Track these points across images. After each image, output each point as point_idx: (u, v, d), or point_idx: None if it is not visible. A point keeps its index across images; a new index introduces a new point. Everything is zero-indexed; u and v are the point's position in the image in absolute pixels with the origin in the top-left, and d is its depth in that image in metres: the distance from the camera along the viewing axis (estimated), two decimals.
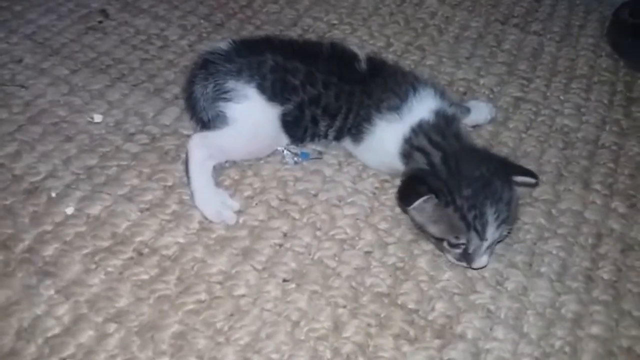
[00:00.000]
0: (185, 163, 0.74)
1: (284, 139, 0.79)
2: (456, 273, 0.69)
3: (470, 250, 0.66)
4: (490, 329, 0.64)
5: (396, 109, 0.75)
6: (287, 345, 0.61)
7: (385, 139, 0.75)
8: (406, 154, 0.73)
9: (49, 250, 0.67)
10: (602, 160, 0.86)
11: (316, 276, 0.68)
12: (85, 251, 0.67)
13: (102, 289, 0.64)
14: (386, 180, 0.80)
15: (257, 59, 0.74)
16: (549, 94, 0.98)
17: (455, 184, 0.65)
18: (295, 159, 0.80)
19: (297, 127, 0.77)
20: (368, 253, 0.71)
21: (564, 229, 0.76)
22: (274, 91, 0.74)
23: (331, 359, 0.60)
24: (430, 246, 0.72)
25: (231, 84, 0.73)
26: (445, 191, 0.66)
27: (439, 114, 0.74)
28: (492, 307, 0.66)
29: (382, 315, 0.64)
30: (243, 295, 0.65)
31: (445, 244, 0.67)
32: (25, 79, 0.89)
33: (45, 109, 0.84)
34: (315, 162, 0.81)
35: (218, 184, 0.76)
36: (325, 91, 0.76)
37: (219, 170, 0.78)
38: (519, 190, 0.72)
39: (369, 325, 0.63)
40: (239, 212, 0.73)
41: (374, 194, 0.78)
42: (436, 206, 0.66)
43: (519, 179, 0.70)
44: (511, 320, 0.65)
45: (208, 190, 0.73)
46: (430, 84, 0.79)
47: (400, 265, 0.70)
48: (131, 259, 0.67)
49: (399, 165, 0.75)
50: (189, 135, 0.78)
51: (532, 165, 0.84)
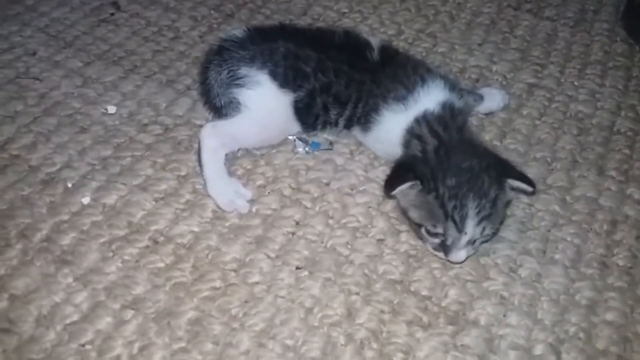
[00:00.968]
0: (198, 152, 0.75)
1: (296, 126, 0.79)
2: (469, 260, 0.69)
3: (448, 242, 0.65)
4: (504, 315, 0.64)
5: (402, 99, 0.74)
6: (301, 332, 0.61)
7: (391, 129, 0.75)
8: (406, 144, 0.73)
9: (67, 240, 0.68)
10: (617, 146, 0.85)
11: (329, 264, 0.68)
12: (102, 240, 0.68)
13: (119, 276, 0.65)
14: None
15: (270, 46, 0.75)
16: (563, 80, 0.97)
17: (440, 173, 0.65)
18: (306, 148, 0.80)
19: (309, 115, 0.77)
20: (380, 241, 0.71)
21: (578, 216, 0.75)
22: (286, 78, 0.75)
23: (345, 344, 0.61)
24: None
25: (244, 70, 0.74)
26: (429, 178, 0.66)
27: (446, 106, 0.74)
28: (506, 294, 0.66)
29: (395, 302, 0.65)
30: (257, 283, 0.66)
31: (423, 230, 0.67)
32: (40, 71, 0.90)
33: (59, 101, 0.85)
34: (326, 151, 0.81)
35: (231, 174, 0.76)
36: (336, 79, 0.76)
37: (231, 159, 0.78)
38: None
39: (382, 312, 0.64)
40: (252, 201, 0.74)
41: None
42: (419, 192, 0.66)
43: (515, 183, 0.67)
44: (525, 306, 0.65)
45: (221, 179, 0.73)
46: (441, 76, 0.78)
47: (413, 252, 0.70)
48: (147, 247, 0.68)
49: (399, 155, 0.74)
50: (201, 125, 0.78)
51: (547, 152, 0.83)
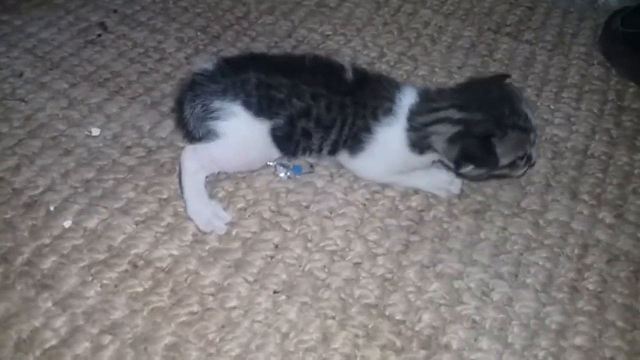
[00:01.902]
0: (179, 174, 0.76)
1: (276, 153, 0.80)
2: (443, 284, 0.71)
3: (531, 150, 0.74)
4: (475, 340, 0.66)
5: (390, 111, 0.77)
6: (277, 357, 0.63)
7: (390, 141, 0.77)
8: (416, 140, 0.76)
9: (47, 263, 0.69)
10: (591, 170, 0.88)
11: (306, 288, 0.69)
12: (82, 264, 0.69)
13: (98, 301, 0.66)
14: (377, 192, 0.82)
15: (241, 77, 0.76)
16: (539, 104, 0.99)
17: (491, 113, 0.72)
18: (288, 173, 0.82)
19: (289, 142, 0.78)
20: (357, 264, 0.73)
21: (550, 240, 0.78)
22: (260, 107, 0.75)
23: None
24: (418, 257, 0.73)
25: (217, 103, 0.74)
26: (494, 126, 0.72)
27: (420, 93, 0.78)
28: (477, 318, 0.68)
29: (370, 327, 0.66)
30: (234, 307, 0.67)
31: (518, 162, 0.74)
32: (26, 93, 0.91)
33: (44, 122, 0.86)
34: (307, 174, 0.83)
35: (212, 196, 0.78)
36: (315, 102, 0.76)
37: (213, 182, 0.80)
38: None
39: (357, 336, 0.65)
40: (232, 224, 0.75)
41: (365, 205, 0.80)
42: (499, 142, 0.71)
43: (509, 81, 0.82)
44: (496, 330, 0.67)
45: (200, 201, 0.75)
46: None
47: (389, 276, 0.71)
48: (126, 271, 0.69)
49: (414, 157, 0.77)
50: (183, 148, 0.80)
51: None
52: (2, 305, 0.65)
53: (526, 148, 0.74)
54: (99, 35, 1.03)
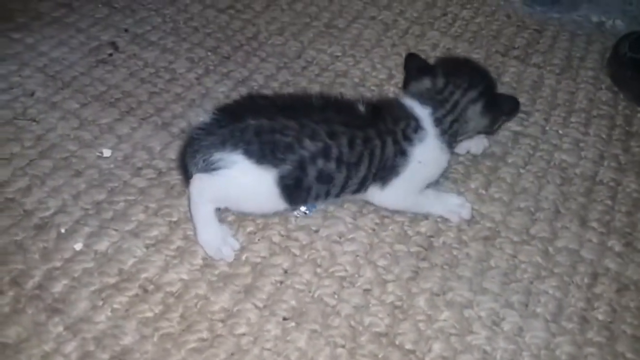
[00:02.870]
0: (189, 199, 0.76)
1: (281, 205, 0.75)
2: (453, 313, 0.70)
3: None
4: None
5: (419, 127, 0.77)
6: None
7: (428, 153, 0.78)
8: (450, 138, 0.80)
9: (58, 287, 0.69)
10: (600, 197, 0.88)
11: (316, 315, 0.69)
12: (93, 288, 0.69)
13: (109, 326, 0.66)
14: (386, 216, 0.82)
15: (239, 126, 0.72)
16: (547, 128, 1.00)
17: (484, 81, 0.82)
18: (305, 211, 0.80)
19: (299, 189, 0.74)
20: (367, 291, 0.72)
21: (560, 268, 0.77)
22: (262, 154, 0.71)
23: None
24: (428, 284, 0.73)
25: (217, 155, 0.72)
26: (495, 86, 0.85)
27: (421, 100, 0.80)
28: (488, 348, 0.67)
29: (380, 356, 0.66)
30: (244, 334, 0.67)
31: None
32: (37, 112, 0.91)
33: (55, 143, 0.87)
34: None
35: (222, 219, 0.78)
36: (334, 141, 0.73)
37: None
38: None
39: None
40: (242, 248, 0.75)
41: (374, 230, 0.80)
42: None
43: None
44: None
45: (209, 229, 0.74)
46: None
47: (399, 304, 0.71)
48: (136, 295, 0.69)
49: (448, 156, 0.82)
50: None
51: (530, 201, 0.86)
52: (13, 330, 0.65)
53: None
54: (110, 54, 1.04)
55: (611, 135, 1.00)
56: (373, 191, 0.79)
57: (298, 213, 0.80)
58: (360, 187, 0.77)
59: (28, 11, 1.12)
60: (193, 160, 0.74)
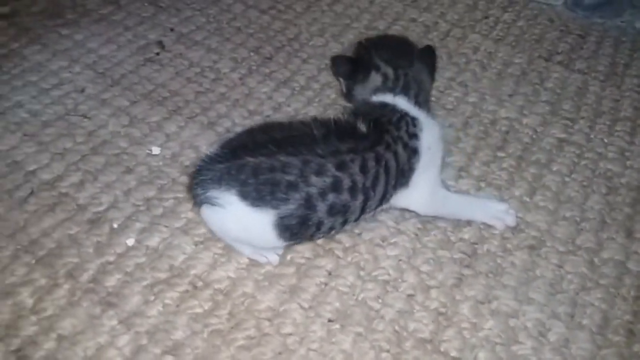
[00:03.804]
0: None
1: (277, 243, 0.72)
2: (498, 322, 0.70)
3: None
4: None
5: (415, 120, 0.78)
6: None
7: (430, 132, 0.78)
8: (424, 102, 0.82)
9: (112, 281, 0.71)
10: None
11: (360, 318, 0.70)
12: (145, 283, 0.71)
13: (160, 320, 0.68)
14: (428, 222, 0.82)
15: (236, 163, 0.68)
16: (592, 137, 0.98)
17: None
18: None
19: (306, 226, 0.70)
20: (411, 296, 0.73)
21: (606, 280, 0.77)
22: (259, 195, 0.67)
23: None
24: (472, 292, 0.73)
25: (214, 192, 0.69)
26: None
27: (398, 91, 0.81)
28: (534, 359, 0.67)
29: None
30: (290, 334, 0.68)
31: None
32: (88, 109, 0.94)
33: (106, 139, 0.89)
34: None
35: None
36: (344, 172, 0.69)
37: None
38: None
39: None
40: (287, 249, 0.76)
41: (416, 235, 0.80)
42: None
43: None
44: None
45: (243, 245, 0.75)
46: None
47: (443, 310, 0.71)
48: (187, 291, 0.71)
49: (434, 117, 0.83)
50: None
51: (576, 211, 0.85)
52: (69, 322, 0.67)
53: None
54: (157, 53, 1.06)
55: None
56: (396, 199, 0.78)
57: None
58: (381, 203, 0.76)
59: (76, 7, 1.15)
60: (195, 191, 0.72)
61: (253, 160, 0.68)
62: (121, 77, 1.01)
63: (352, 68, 0.83)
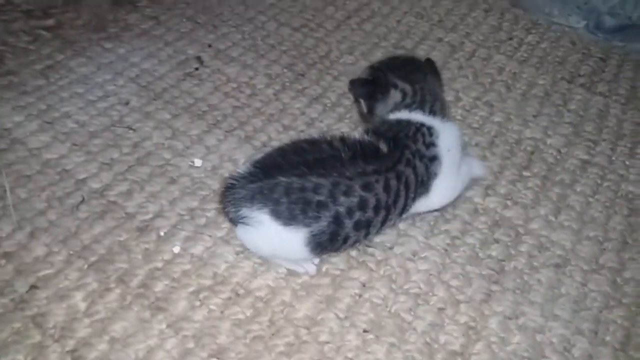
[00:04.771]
0: None
1: (309, 256, 0.76)
2: (526, 337, 0.74)
3: None
4: None
5: (430, 129, 0.81)
6: None
7: (447, 136, 0.82)
8: (440, 109, 0.86)
9: (160, 287, 0.76)
10: None
11: (393, 329, 0.74)
12: (191, 289, 0.76)
13: (206, 325, 0.72)
14: (456, 237, 0.86)
15: (269, 183, 0.71)
16: (614, 158, 1.02)
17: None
18: None
19: (335, 241, 0.74)
20: (441, 310, 0.76)
21: (628, 299, 0.80)
22: (292, 214, 0.71)
23: None
24: (500, 307, 0.77)
25: (245, 211, 0.72)
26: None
27: (409, 104, 0.86)
28: None
29: None
30: (327, 342, 0.72)
31: None
32: (133, 121, 0.99)
33: (151, 151, 0.94)
34: None
35: None
36: (369, 192, 0.73)
37: None
38: None
39: None
40: (322, 261, 0.80)
41: (446, 250, 0.84)
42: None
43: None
44: None
45: (280, 259, 0.78)
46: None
47: (473, 324, 0.75)
48: (229, 298, 0.75)
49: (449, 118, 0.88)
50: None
51: (599, 231, 0.88)
52: (120, 325, 0.71)
53: None
54: (196, 68, 1.11)
55: None
56: (416, 206, 0.82)
57: None
58: (400, 215, 0.80)
59: (118, 22, 1.21)
60: (226, 208, 0.75)
61: (285, 180, 0.71)
62: (163, 91, 1.05)
63: (371, 89, 0.88)
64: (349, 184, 0.73)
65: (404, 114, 0.84)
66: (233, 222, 0.77)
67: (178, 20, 1.23)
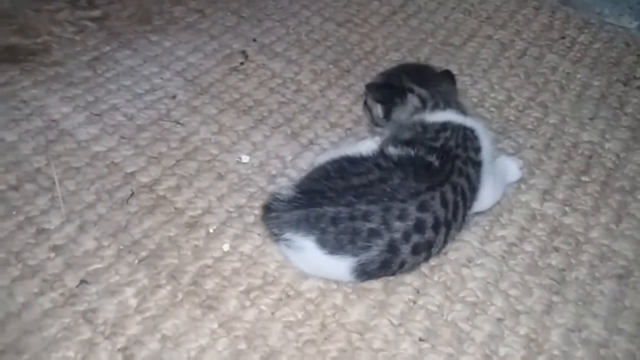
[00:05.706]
0: None
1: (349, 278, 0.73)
2: (589, 351, 0.70)
3: None
4: None
5: (473, 132, 0.80)
6: None
7: (483, 138, 0.81)
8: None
9: (210, 284, 0.74)
10: None
11: (450, 338, 0.71)
12: (241, 288, 0.74)
13: (257, 327, 0.70)
14: (514, 244, 0.82)
15: (316, 211, 0.69)
16: None
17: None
18: None
19: (387, 268, 0.71)
20: (500, 320, 0.73)
21: None
22: (339, 244, 0.68)
23: None
24: (562, 320, 0.73)
25: (289, 235, 0.70)
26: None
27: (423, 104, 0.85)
28: None
29: None
30: (381, 350, 0.70)
31: None
32: (180, 115, 0.98)
33: (198, 146, 0.93)
34: None
35: None
36: (426, 212, 0.70)
37: None
38: None
39: None
40: None
41: (503, 257, 0.80)
42: None
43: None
44: None
45: None
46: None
47: (533, 336, 0.72)
48: (280, 299, 0.73)
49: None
50: None
51: None
52: (171, 322, 0.70)
53: None
54: (242, 63, 1.09)
55: None
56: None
57: None
58: (461, 226, 0.79)
59: (164, 14, 1.20)
60: (270, 228, 0.74)
61: (332, 210, 0.69)
62: (209, 86, 1.04)
63: (390, 92, 0.86)
64: (403, 207, 0.69)
65: (438, 116, 0.81)
66: (274, 240, 0.75)
67: (223, 13, 1.21)
